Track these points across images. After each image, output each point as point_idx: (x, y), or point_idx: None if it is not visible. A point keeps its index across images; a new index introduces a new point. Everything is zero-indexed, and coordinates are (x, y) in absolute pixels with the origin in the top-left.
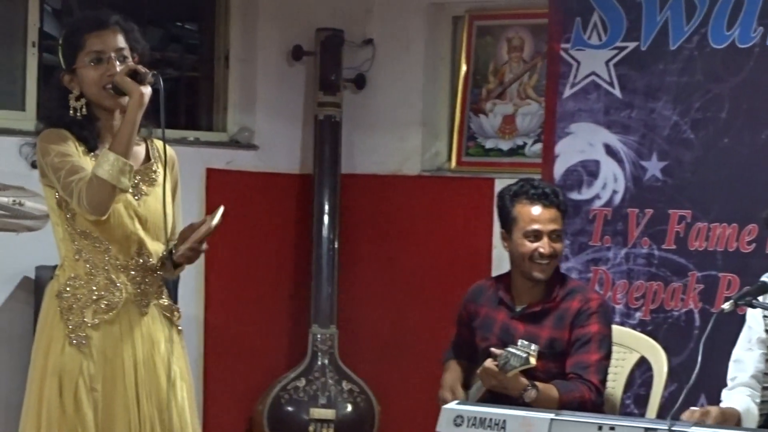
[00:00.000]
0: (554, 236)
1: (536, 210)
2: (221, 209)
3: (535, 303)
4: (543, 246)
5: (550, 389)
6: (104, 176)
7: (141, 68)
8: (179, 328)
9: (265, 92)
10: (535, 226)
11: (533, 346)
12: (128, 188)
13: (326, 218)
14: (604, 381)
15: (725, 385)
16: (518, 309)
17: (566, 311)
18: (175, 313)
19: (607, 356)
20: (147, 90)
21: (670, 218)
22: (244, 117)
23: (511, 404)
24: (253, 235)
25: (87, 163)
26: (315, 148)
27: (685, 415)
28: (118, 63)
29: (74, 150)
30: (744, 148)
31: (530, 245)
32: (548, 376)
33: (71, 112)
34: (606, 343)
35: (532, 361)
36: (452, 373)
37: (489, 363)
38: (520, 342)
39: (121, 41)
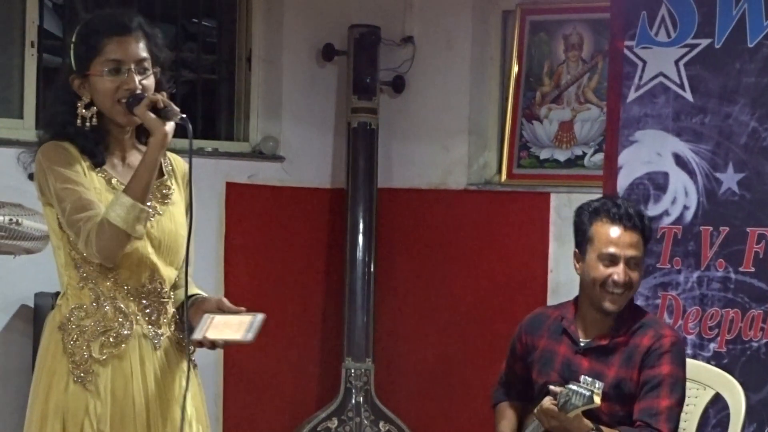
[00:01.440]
0: (633, 263)
1: (615, 231)
2: (261, 318)
3: (602, 337)
4: (618, 273)
5: None
6: (118, 223)
7: (166, 102)
8: (195, 362)
9: (292, 97)
10: (612, 249)
11: (598, 384)
12: (143, 236)
13: (361, 238)
14: (675, 430)
15: None
16: (583, 343)
17: (636, 348)
18: (190, 346)
19: (680, 402)
20: (171, 127)
21: (748, 237)
22: (268, 125)
23: None
24: (279, 257)
25: (93, 180)
26: (348, 159)
27: None
28: (137, 76)
29: (80, 171)
30: None
31: (604, 270)
32: (613, 421)
33: (78, 121)
34: (679, 386)
35: (597, 400)
36: (507, 423)
37: (548, 402)
38: (582, 379)
39: (143, 50)
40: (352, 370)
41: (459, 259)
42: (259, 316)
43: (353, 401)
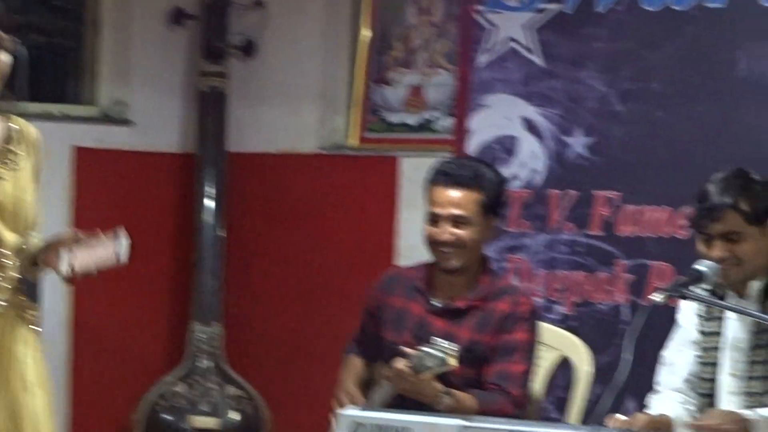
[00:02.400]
0: (458, 222)
1: (440, 191)
2: (123, 236)
3: (457, 298)
4: (438, 232)
5: (468, 399)
6: None
7: None
8: (36, 329)
9: (141, 61)
10: (433, 209)
11: (452, 346)
12: None
13: (211, 203)
14: (527, 395)
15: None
16: (437, 303)
17: (492, 313)
18: (31, 311)
19: (532, 368)
20: (3, 57)
21: (596, 201)
22: (116, 89)
23: (420, 411)
24: (128, 222)
25: None
26: (198, 124)
27: (608, 423)
28: None
29: None
30: (680, 123)
31: (429, 229)
32: (464, 384)
33: None
34: (533, 353)
35: (452, 362)
36: (351, 373)
37: (401, 364)
38: (437, 340)
39: None
40: (200, 334)
41: (310, 224)
42: (122, 236)
43: (200, 365)
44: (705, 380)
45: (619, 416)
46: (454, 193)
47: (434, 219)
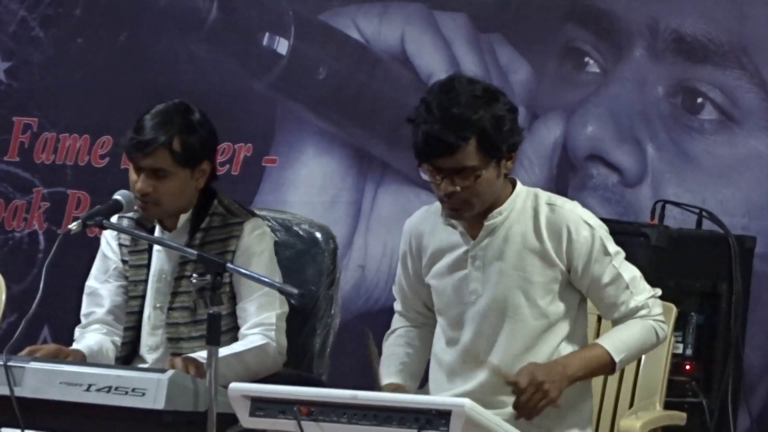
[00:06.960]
0: None
1: None
2: None
3: None
4: None
5: None
6: None
7: None
8: None
9: None
10: None
11: None
12: None
13: None
14: None
15: (72, 315)
16: None
17: None
18: None
19: None
20: None
21: (14, 127)
22: None
23: None
24: None
25: None
26: None
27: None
28: None
29: None
30: (101, 50)
31: None
32: None
33: None
34: None
35: None
36: None
37: None
38: None
39: None
40: None
41: None
42: None
43: None
44: (132, 314)
45: (34, 347)
46: None
47: None
